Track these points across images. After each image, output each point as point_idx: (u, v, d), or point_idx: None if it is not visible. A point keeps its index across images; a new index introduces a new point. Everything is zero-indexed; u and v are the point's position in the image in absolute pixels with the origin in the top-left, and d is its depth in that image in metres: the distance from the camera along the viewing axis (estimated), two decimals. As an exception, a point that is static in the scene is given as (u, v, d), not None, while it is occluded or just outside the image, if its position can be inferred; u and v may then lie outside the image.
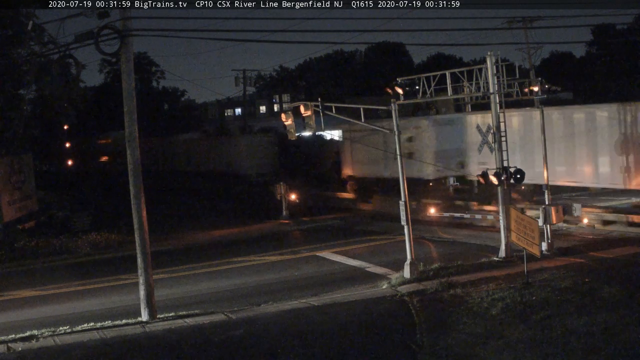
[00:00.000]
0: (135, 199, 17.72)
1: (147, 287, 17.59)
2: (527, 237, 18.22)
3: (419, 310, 16.89)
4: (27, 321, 17.90)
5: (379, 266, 22.38)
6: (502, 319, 15.44)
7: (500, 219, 21.83)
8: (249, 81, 66.25)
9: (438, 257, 22.86)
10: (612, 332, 13.98)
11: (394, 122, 20.89)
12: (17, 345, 15.71)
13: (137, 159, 17.74)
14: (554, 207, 21.92)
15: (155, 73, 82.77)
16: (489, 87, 21.91)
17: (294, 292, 19.72)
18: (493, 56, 21.70)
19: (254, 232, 31.82)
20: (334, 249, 26.02)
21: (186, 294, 20.50)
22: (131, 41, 17.45)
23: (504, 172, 21.45)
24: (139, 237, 17.75)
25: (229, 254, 26.28)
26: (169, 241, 30.24)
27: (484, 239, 25.25)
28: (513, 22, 44.85)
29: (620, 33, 67.93)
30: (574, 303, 16.06)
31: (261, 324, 16.62)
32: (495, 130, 21.78)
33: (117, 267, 24.95)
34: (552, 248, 21.93)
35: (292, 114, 24.35)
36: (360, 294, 18.89)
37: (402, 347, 14.49)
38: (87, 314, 18.46)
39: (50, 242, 29.42)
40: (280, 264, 24.11)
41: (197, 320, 17.07)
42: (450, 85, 23.13)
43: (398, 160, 20.75)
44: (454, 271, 20.03)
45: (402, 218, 20.51)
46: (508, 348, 13.69)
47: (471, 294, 17.63)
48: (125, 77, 17.65)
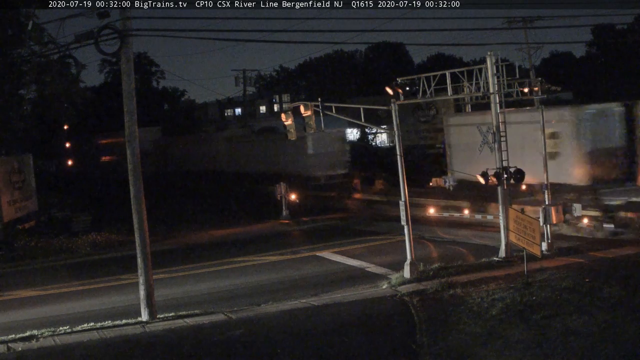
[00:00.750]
0: (135, 199, 17.72)
1: (147, 287, 17.58)
2: (527, 237, 18.22)
3: (419, 310, 16.89)
4: (27, 321, 17.89)
5: (379, 266, 22.38)
6: (502, 319, 15.44)
7: (500, 219, 21.83)
8: (249, 81, 66.22)
9: (438, 257, 22.85)
10: (612, 332, 13.98)
11: (394, 122, 20.89)
12: (17, 345, 15.71)
13: (137, 159, 17.74)
14: (554, 207, 21.91)
15: (155, 73, 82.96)
16: (489, 87, 21.91)
17: (294, 292, 19.71)
18: (493, 56, 21.70)
19: (254, 232, 31.83)
20: (334, 249, 26.01)
21: (186, 294, 20.49)
22: (131, 41, 17.46)
23: (504, 172, 21.45)
24: (139, 237, 17.75)
25: (229, 254, 26.29)
26: (169, 241, 30.26)
27: (484, 238, 25.24)
28: (513, 22, 44.87)
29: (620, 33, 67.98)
30: (574, 303, 16.05)
31: (261, 324, 16.62)
32: (495, 130, 21.78)
33: (117, 267, 24.94)
34: (552, 248, 21.93)
35: (292, 114, 24.38)
36: (360, 294, 18.89)
37: (402, 347, 14.49)
38: (87, 314, 18.45)
39: (50, 242, 29.43)
40: (280, 264, 24.10)
41: (197, 320, 17.07)
42: (450, 85, 23.13)
43: (398, 160, 20.77)
44: (454, 271, 20.02)
45: (402, 218, 20.51)
46: (508, 348, 13.69)
47: (471, 294, 17.62)
48: (125, 77, 17.65)
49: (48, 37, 30.18)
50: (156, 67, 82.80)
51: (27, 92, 33.72)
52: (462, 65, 56.24)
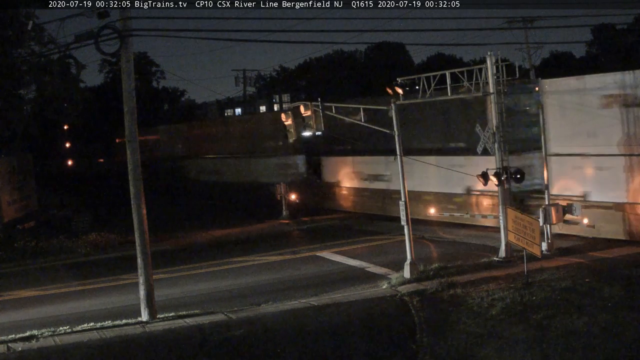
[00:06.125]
0: (135, 199, 17.71)
1: (147, 287, 17.58)
2: (526, 237, 18.21)
3: (419, 310, 16.89)
4: (27, 321, 17.90)
5: (379, 266, 22.38)
6: (502, 319, 15.44)
7: (500, 219, 21.83)
8: (249, 81, 66.19)
9: (438, 257, 22.84)
10: (612, 332, 13.98)
11: (394, 122, 20.89)
12: (17, 345, 15.70)
13: (137, 159, 17.74)
14: (554, 207, 21.90)
15: (155, 73, 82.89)
16: (489, 87, 21.89)
17: (294, 292, 19.71)
18: (493, 56, 21.69)
19: (254, 232, 31.83)
20: (334, 249, 26.01)
21: (186, 294, 20.49)
22: (131, 41, 17.46)
23: (504, 172, 21.45)
24: (139, 237, 17.75)
25: (229, 254, 26.28)
26: (169, 241, 30.26)
27: (484, 238, 25.23)
28: (513, 22, 44.85)
29: (620, 33, 67.96)
30: (574, 303, 16.05)
31: (261, 324, 16.62)
32: (495, 130, 21.77)
33: (117, 267, 24.95)
34: (552, 248, 21.92)
35: (292, 114, 24.37)
36: (360, 294, 18.88)
37: (402, 347, 14.49)
38: (87, 314, 18.45)
39: (50, 242, 29.41)
40: (280, 264, 24.10)
41: (197, 320, 17.06)
42: (450, 85, 23.12)
43: (398, 160, 20.78)
44: (454, 271, 20.02)
45: (402, 218, 20.52)
46: (508, 348, 13.69)
47: (471, 294, 17.62)
48: (125, 77, 17.65)
49: (48, 37, 30.22)
50: (156, 67, 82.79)
51: (27, 92, 33.76)
52: (462, 65, 56.14)
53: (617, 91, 22.94)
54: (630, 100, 22.56)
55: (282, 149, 41.12)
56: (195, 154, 55.82)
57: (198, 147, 55.61)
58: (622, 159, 22.93)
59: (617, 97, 22.90)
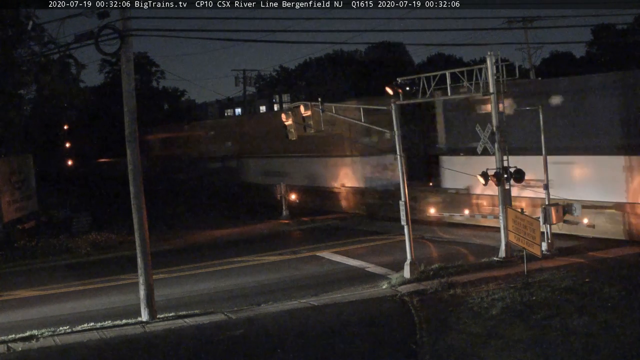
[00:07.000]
0: (135, 199, 17.72)
1: (147, 287, 17.59)
2: (527, 237, 18.21)
3: (419, 310, 16.88)
4: (27, 321, 17.91)
5: (379, 266, 22.38)
6: (502, 319, 15.43)
7: (500, 219, 21.82)
8: (249, 81, 66.06)
9: (438, 257, 22.85)
10: (612, 332, 13.97)
11: (394, 122, 20.88)
12: (17, 345, 15.72)
13: (137, 159, 17.74)
14: (554, 207, 21.90)
15: (155, 73, 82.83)
16: (489, 87, 21.89)
17: (294, 292, 19.71)
18: (493, 56, 21.68)
19: (254, 232, 31.82)
20: (334, 249, 26.01)
21: (186, 294, 20.50)
22: (131, 41, 17.47)
23: (504, 172, 21.44)
24: (139, 237, 17.75)
25: (229, 254, 26.28)
26: (169, 241, 30.26)
27: (484, 238, 25.23)
28: (513, 22, 44.84)
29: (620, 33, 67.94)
30: (574, 303, 16.04)
31: (261, 324, 16.62)
32: (496, 130, 21.77)
33: (117, 267, 24.96)
34: (552, 248, 21.92)
35: (292, 114, 24.37)
36: (360, 294, 18.89)
37: (402, 347, 14.48)
38: (87, 314, 18.46)
39: (50, 242, 29.44)
40: (280, 264, 24.10)
41: (197, 320, 17.07)
42: (450, 85, 23.11)
43: (399, 161, 20.77)
44: (454, 271, 20.02)
45: (402, 218, 20.51)
46: (508, 348, 13.68)
47: (471, 294, 17.61)
48: (125, 77, 17.66)
49: (48, 37, 30.15)
50: (156, 67, 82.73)
51: (27, 92, 33.76)
52: (462, 65, 56.14)
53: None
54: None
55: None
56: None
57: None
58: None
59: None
